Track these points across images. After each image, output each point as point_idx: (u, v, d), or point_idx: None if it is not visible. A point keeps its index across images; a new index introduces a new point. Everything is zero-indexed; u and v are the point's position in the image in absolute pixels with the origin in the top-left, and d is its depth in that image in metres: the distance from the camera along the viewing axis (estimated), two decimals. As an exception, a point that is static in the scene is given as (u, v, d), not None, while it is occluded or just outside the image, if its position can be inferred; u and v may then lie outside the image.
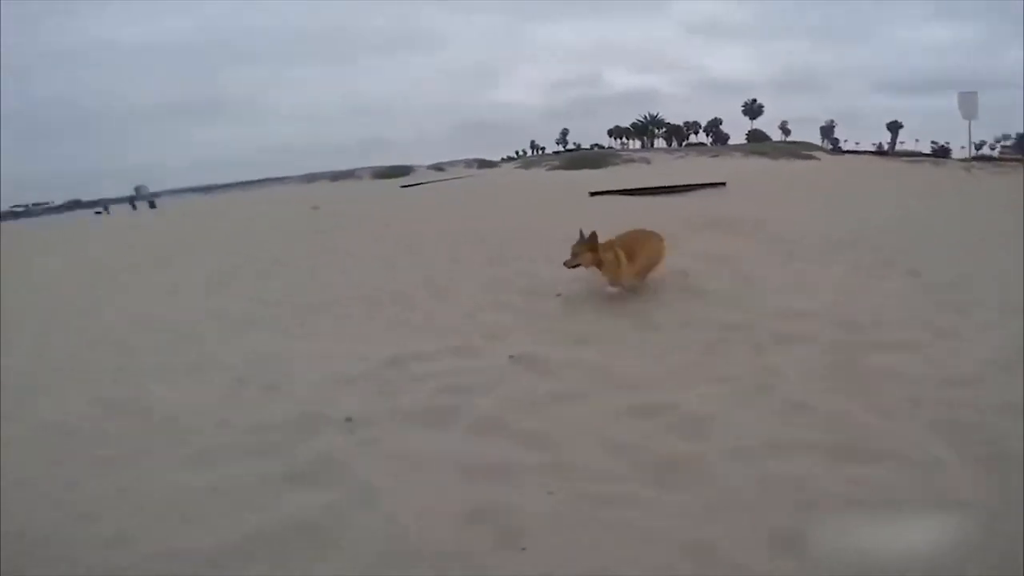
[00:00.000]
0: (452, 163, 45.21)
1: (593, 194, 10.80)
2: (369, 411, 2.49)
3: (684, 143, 79.77)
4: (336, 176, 41.31)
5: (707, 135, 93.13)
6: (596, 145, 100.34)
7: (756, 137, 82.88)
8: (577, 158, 26.92)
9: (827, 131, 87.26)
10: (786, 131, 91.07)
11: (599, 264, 3.73)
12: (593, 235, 3.71)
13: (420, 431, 2.32)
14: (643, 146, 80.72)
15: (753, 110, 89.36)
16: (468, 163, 44.48)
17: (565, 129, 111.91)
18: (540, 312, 3.85)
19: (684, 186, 10.98)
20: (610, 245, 3.75)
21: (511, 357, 2.95)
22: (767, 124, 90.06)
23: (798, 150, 27.00)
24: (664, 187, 10.95)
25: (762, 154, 24.44)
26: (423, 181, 24.65)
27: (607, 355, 2.95)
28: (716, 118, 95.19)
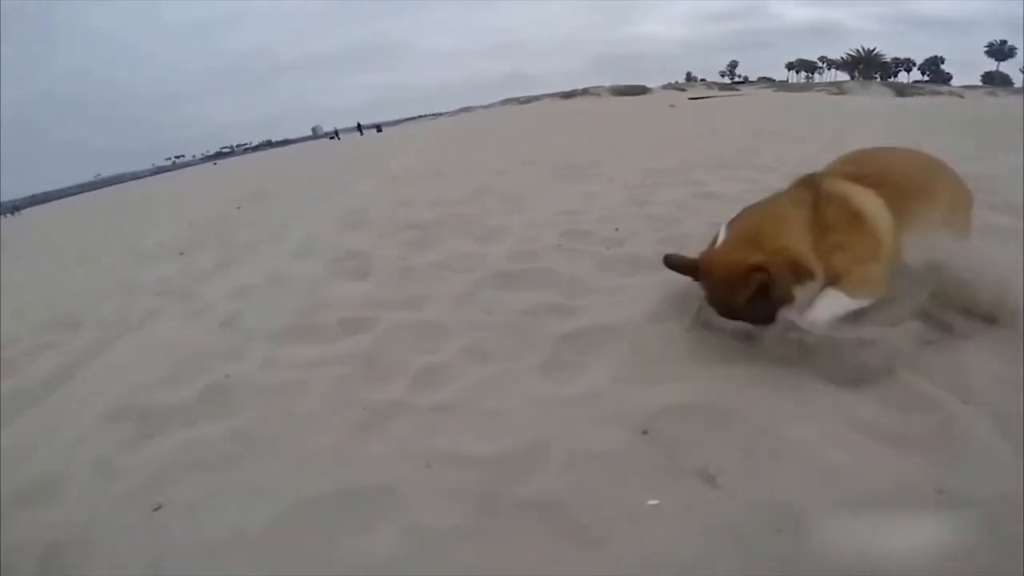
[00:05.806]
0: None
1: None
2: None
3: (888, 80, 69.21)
4: (567, 95, 42.08)
5: (922, 74, 79.58)
6: (764, 78, 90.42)
7: (999, 80, 69.35)
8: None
9: (1097, 78, 70.14)
10: (1030, 75, 75.13)
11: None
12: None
13: None
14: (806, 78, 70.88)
15: (1002, 52, 74.30)
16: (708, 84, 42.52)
17: (734, 61, 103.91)
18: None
19: None
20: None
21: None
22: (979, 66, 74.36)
23: None
24: None
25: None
26: (705, 96, 24.70)
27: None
28: (937, 56, 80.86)
